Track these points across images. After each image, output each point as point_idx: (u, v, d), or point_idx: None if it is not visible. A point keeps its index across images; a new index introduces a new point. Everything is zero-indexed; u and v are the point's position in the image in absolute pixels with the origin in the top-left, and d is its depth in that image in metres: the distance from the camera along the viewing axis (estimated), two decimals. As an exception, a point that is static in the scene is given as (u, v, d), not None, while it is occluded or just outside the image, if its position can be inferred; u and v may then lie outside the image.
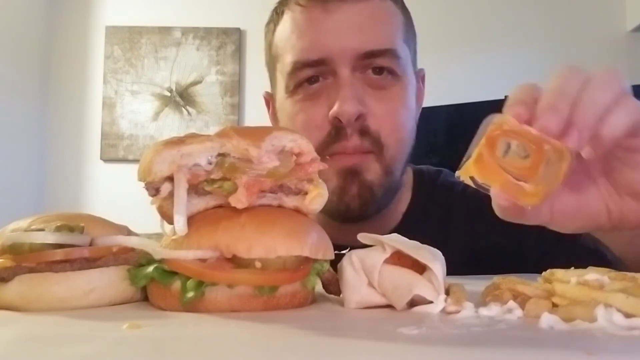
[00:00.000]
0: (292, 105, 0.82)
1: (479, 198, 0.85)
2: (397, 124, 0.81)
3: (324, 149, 0.78)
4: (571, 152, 0.45)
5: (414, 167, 0.94)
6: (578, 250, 0.74)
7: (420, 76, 0.90)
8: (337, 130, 0.78)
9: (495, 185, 0.48)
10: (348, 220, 0.82)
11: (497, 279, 0.47)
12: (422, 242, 0.48)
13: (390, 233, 0.86)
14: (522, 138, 0.45)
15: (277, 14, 0.87)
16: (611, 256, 0.63)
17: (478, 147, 0.47)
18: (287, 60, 0.82)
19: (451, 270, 0.50)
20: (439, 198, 0.93)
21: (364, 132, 0.78)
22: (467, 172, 0.48)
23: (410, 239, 0.49)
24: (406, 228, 0.83)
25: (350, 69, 0.78)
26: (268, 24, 0.90)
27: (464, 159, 0.48)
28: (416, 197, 0.92)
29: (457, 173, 0.48)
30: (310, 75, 0.79)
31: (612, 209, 0.53)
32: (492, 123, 0.47)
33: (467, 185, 1.01)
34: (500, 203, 0.49)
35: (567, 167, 0.45)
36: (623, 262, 0.62)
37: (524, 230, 0.86)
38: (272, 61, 0.89)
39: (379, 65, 0.79)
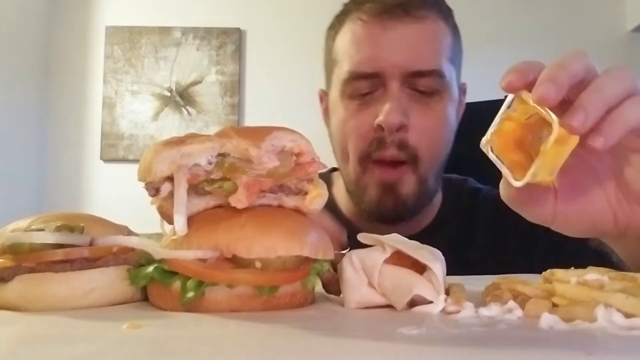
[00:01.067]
0: (344, 111, 0.91)
1: (501, 202, 0.89)
2: (436, 139, 0.89)
3: (367, 157, 0.88)
4: (556, 124, 0.43)
5: (442, 175, 1.01)
6: (584, 252, 0.74)
7: (462, 89, 0.98)
8: (379, 140, 0.86)
9: (505, 162, 0.48)
10: (385, 222, 0.91)
11: (497, 279, 0.47)
12: (449, 242, 0.49)
13: (422, 232, 0.95)
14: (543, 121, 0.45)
15: (338, 22, 0.95)
16: (616, 258, 0.63)
17: (500, 120, 0.48)
18: (344, 68, 0.90)
19: (473, 270, 0.51)
20: (464, 202, 1.01)
21: (402, 145, 0.86)
22: (488, 142, 0.49)
23: (439, 238, 0.49)
24: (435, 228, 0.96)
25: (399, 83, 0.86)
26: (329, 29, 0.99)
27: (490, 129, 0.49)
28: (445, 201, 1.01)
29: (482, 141, 0.49)
30: (364, 87, 0.88)
31: (619, 216, 0.52)
32: (518, 97, 0.47)
33: (488, 192, 1.06)
34: (505, 180, 0.49)
35: (553, 142, 0.44)
36: (628, 267, 0.62)
37: (541, 233, 0.90)
38: (330, 64, 0.98)
39: (425, 84, 0.87)
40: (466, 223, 0.98)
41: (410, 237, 0.48)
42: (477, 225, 0.98)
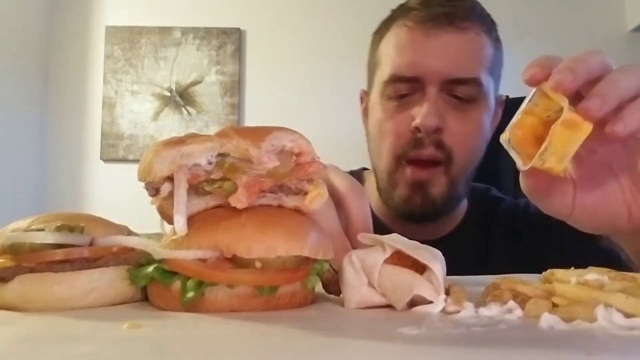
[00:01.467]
0: (383, 112, 0.94)
1: (518, 212, 0.93)
2: (470, 143, 0.92)
3: (402, 155, 0.91)
4: (567, 105, 0.44)
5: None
6: (595, 256, 0.77)
7: (499, 101, 1.00)
8: (416, 140, 0.89)
9: (520, 152, 0.48)
10: (413, 221, 0.95)
11: (497, 279, 0.47)
12: (470, 249, 0.50)
13: (445, 237, 0.99)
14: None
15: (385, 27, 0.98)
16: (625, 257, 0.65)
17: (522, 114, 0.48)
18: (385, 70, 0.93)
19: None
20: (486, 211, 1.05)
21: (439, 144, 0.89)
22: (506, 135, 0.49)
23: (461, 244, 0.50)
24: (459, 235, 1.00)
25: (438, 89, 0.89)
26: (375, 33, 1.01)
27: (511, 122, 0.49)
28: (469, 208, 1.05)
29: (502, 136, 0.49)
30: (403, 90, 0.91)
31: (633, 212, 0.53)
32: (539, 90, 0.47)
33: (509, 202, 1.10)
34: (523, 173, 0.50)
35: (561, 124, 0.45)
36: (636, 267, 0.63)
37: (554, 239, 0.94)
38: (373, 66, 1.01)
39: (463, 91, 0.90)
40: (486, 231, 1.02)
41: (433, 242, 0.49)
42: (496, 234, 1.01)
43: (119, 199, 2.76)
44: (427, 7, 0.92)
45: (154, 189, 0.45)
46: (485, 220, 1.03)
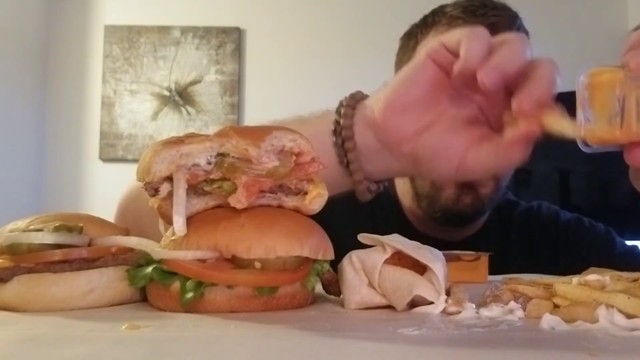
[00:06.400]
0: None
1: (533, 217, 0.99)
2: None
3: None
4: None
5: None
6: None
7: None
8: None
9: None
10: (455, 222, 0.96)
11: (504, 278, 0.47)
12: (490, 250, 0.50)
13: (469, 238, 1.02)
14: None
15: (422, 32, 0.97)
16: None
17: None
18: None
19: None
20: (503, 214, 1.08)
21: None
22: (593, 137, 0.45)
23: (483, 244, 0.50)
24: (481, 235, 1.03)
25: None
26: (407, 39, 1.00)
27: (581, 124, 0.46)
28: (490, 212, 1.06)
29: (582, 139, 0.45)
30: None
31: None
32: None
33: (524, 207, 1.19)
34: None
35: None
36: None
37: (563, 246, 1.00)
38: None
39: None
40: (504, 234, 1.05)
41: (457, 243, 0.49)
42: (513, 238, 1.04)
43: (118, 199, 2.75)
44: (473, 16, 0.91)
45: (153, 189, 0.45)
46: (503, 223, 1.06)
